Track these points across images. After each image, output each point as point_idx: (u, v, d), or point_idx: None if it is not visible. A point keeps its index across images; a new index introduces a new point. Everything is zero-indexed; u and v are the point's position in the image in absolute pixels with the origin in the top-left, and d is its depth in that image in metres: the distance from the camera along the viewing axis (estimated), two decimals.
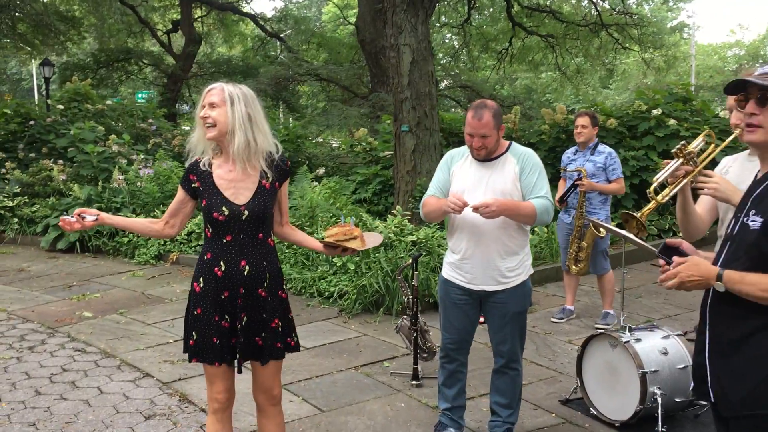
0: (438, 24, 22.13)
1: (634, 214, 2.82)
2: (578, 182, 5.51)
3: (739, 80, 2.20)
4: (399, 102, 8.29)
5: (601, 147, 5.71)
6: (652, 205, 2.78)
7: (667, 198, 2.74)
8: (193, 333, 2.92)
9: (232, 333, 2.89)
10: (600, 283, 5.88)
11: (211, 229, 2.89)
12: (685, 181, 2.72)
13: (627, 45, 19.70)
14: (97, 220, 2.93)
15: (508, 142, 3.54)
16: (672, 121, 9.03)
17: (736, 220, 2.36)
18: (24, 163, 11.31)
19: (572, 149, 5.89)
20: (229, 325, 2.88)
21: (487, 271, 3.47)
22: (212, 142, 2.87)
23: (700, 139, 2.84)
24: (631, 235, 4.61)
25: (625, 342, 3.84)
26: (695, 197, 2.89)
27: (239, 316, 2.87)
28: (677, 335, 4.03)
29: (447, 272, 3.62)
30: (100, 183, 9.56)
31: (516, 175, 3.42)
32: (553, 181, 5.30)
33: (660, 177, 2.74)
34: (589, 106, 11.36)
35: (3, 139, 12.50)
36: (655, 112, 9.13)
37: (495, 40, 22.33)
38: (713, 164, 2.90)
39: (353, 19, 20.33)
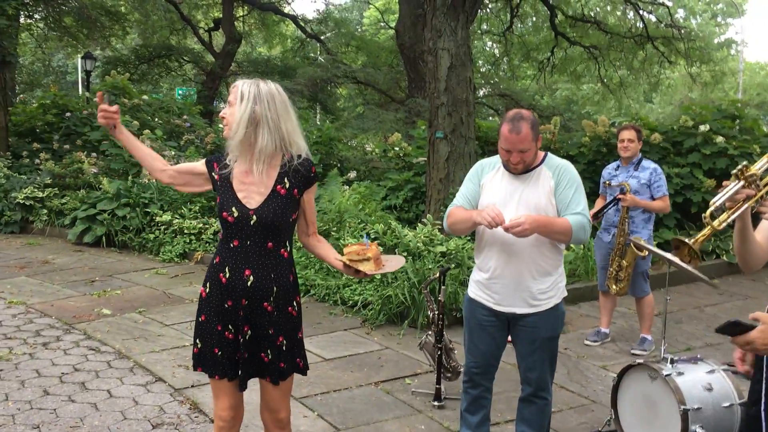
0: (479, 31, 21.83)
1: (687, 241, 2.53)
2: (620, 197, 5.21)
3: None
4: (435, 108, 8.06)
5: (646, 162, 5.40)
6: (707, 231, 2.49)
7: (724, 224, 2.45)
8: (198, 340, 2.75)
9: (237, 346, 2.69)
10: (639, 306, 5.56)
11: (222, 230, 2.73)
12: (746, 206, 2.43)
13: (673, 59, 19.18)
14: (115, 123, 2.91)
15: (543, 153, 3.28)
16: (720, 139, 8.62)
17: None
18: (58, 154, 11.35)
19: (614, 164, 5.58)
20: (233, 337, 2.68)
21: (517, 292, 3.21)
22: (240, 145, 2.70)
23: (764, 159, 2.54)
24: (675, 258, 4.30)
25: (666, 375, 3.54)
26: (755, 223, 2.60)
27: (242, 329, 2.66)
28: (724, 369, 3.71)
29: (473, 291, 3.37)
30: (130, 178, 9.49)
31: (551, 189, 3.16)
32: (591, 197, 5.01)
33: (718, 200, 2.44)
34: (632, 119, 10.98)
35: (40, 129, 12.59)
36: (702, 128, 8.73)
37: (537, 50, 21.95)
38: None
39: (393, 23, 20.16)
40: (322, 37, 23.21)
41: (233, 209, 2.64)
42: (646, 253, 5.21)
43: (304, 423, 4.05)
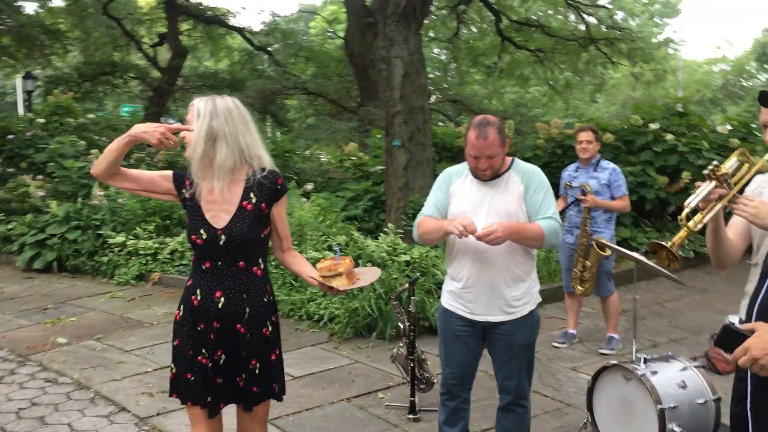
0: (427, 38, 21.96)
1: (665, 244, 2.52)
2: (582, 198, 5.24)
3: None
4: (391, 116, 8.03)
5: (604, 163, 5.45)
6: (683, 233, 2.49)
7: (700, 225, 2.45)
8: (173, 365, 2.65)
9: (211, 371, 2.59)
10: (604, 306, 5.60)
11: (193, 253, 2.63)
12: (719, 205, 2.44)
13: (616, 59, 19.61)
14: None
15: (510, 159, 3.25)
16: (669, 136, 8.82)
17: None
18: (2, 178, 10.93)
19: (573, 166, 5.62)
20: (207, 362, 2.58)
21: (492, 300, 3.16)
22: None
23: (734, 158, 2.56)
24: (638, 255, 4.36)
25: (641, 375, 3.55)
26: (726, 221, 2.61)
27: (215, 353, 2.56)
28: (696, 366, 3.74)
29: (447, 302, 3.31)
30: (79, 200, 9.18)
31: (521, 194, 3.13)
32: None
33: (692, 202, 2.44)
34: (583, 120, 11.15)
35: None
36: (652, 126, 8.91)
37: (484, 55, 22.19)
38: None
39: (341, 33, 20.12)
40: (269, 49, 23.02)
41: (201, 231, 2.55)
42: (609, 252, 5.24)
43: None
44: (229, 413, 2.75)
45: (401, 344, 4.48)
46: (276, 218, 2.68)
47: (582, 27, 18.98)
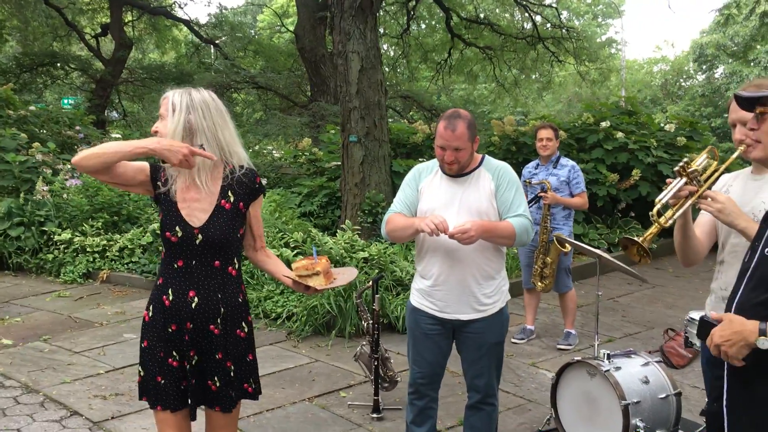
0: (377, 34, 21.93)
1: (636, 239, 2.54)
2: (542, 195, 5.29)
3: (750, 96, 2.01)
4: (347, 111, 7.95)
5: (564, 160, 5.51)
6: (654, 229, 2.51)
7: (671, 221, 2.48)
8: (141, 368, 2.55)
9: (182, 374, 2.49)
10: (562, 301, 5.67)
11: (164, 250, 2.52)
12: (689, 202, 2.47)
13: (562, 58, 19.95)
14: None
15: (481, 156, 3.23)
16: (620, 134, 8.99)
17: (753, 251, 2.11)
18: None
19: (533, 163, 5.66)
20: (178, 364, 2.48)
21: (462, 298, 3.14)
22: None
23: (704, 155, 2.60)
24: (598, 251, 4.43)
25: (605, 371, 3.59)
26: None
27: (188, 355, 2.47)
28: (657, 361, 3.81)
29: (416, 300, 3.27)
30: (22, 195, 8.81)
31: (492, 192, 3.12)
32: None
33: (663, 198, 2.48)
34: (532, 117, 11.28)
35: None
36: (603, 124, 9.07)
37: (434, 51, 22.29)
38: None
39: (291, 27, 19.89)
40: (217, 42, 22.59)
41: (177, 228, 2.45)
42: (569, 248, 5.30)
43: None
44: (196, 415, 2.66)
45: (364, 342, 4.43)
46: (252, 218, 2.61)
47: (529, 25, 19.24)
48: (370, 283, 4.41)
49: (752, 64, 28.33)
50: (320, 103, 14.71)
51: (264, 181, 9.57)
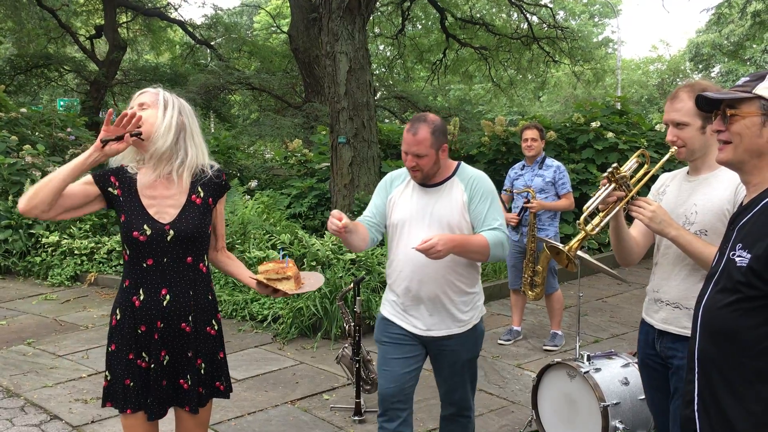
0: (372, 34, 21.91)
1: (562, 248, 2.52)
2: (527, 205, 5.26)
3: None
4: (335, 112, 7.93)
5: (549, 161, 5.49)
6: (580, 236, 2.50)
7: (598, 229, 2.47)
8: (107, 373, 2.50)
9: (155, 374, 2.46)
10: (548, 302, 5.64)
11: (129, 252, 2.45)
12: (617, 208, 2.47)
13: (557, 58, 19.95)
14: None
15: (456, 163, 3.04)
16: (610, 134, 8.98)
17: (720, 254, 2.09)
18: None
19: (519, 164, 5.64)
20: (147, 365, 2.45)
21: (434, 315, 2.96)
22: (139, 153, 2.48)
23: (633, 160, 2.60)
24: (587, 256, 4.39)
25: (585, 372, 3.57)
26: (630, 219, 2.64)
27: (158, 355, 2.44)
28: (637, 363, 3.78)
29: (388, 311, 3.08)
30: (10, 198, 8.79)
31: (464, 204, 2.91)
32: None
33: (591, 205, 2.47)
34: (527, 117, 11.27)
35: None
36: (593, 124, 9.05)
37: (429, 51, 22.29)
38: (652, 179, 2.65)
39: (286, 28, 19.86)
40: (212, 43, 22.58)
41: (145, 227, 2.40)
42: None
43: None
44: (165, 419, 2.63)
45: (347, 345, 4.41)
46: (216, 215, 2.59)
47: (525, 26, 19.23)
48: (351, 285, 4.38)
49: (748, 63, 28.36)
50: (314, 103, 14.71)
51: (254, 183, 9.62)
